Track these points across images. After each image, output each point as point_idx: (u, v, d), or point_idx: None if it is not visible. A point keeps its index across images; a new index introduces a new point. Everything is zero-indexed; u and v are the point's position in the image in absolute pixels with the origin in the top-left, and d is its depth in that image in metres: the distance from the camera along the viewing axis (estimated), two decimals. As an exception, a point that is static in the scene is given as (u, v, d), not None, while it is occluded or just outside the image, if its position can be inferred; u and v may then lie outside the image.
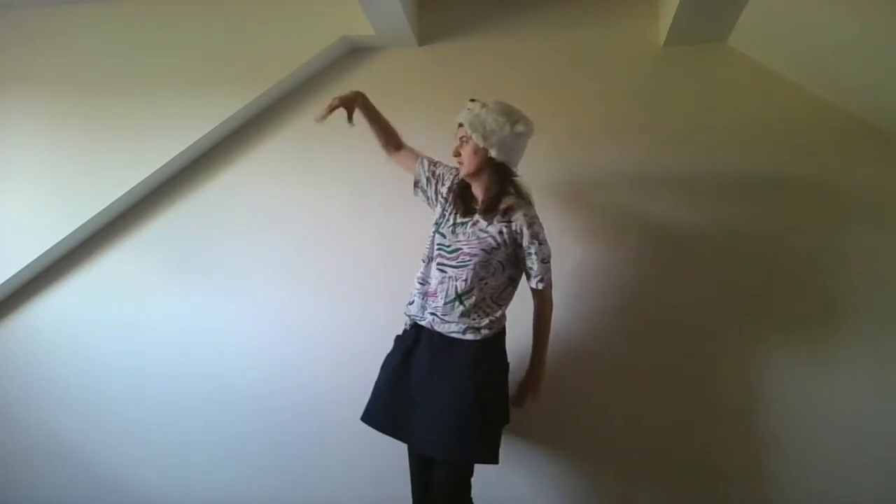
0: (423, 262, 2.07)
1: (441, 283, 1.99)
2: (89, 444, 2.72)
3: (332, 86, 2.69)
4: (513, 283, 2.06)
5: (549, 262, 2.02)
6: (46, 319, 2.78)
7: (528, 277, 2.04)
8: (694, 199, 2.44)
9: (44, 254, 2.67)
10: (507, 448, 2.05)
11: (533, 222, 1.97)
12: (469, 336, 1.97)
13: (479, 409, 1.92)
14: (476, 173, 1.99)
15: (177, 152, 2.62)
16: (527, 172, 2.51)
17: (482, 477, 2.01)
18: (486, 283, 1.98)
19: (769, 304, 2.35)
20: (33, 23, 2.80)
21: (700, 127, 2.46)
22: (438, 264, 2.02)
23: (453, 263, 1.98)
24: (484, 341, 1.98)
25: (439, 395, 1.94)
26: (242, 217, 2.69)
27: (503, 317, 2.04)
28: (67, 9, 2.78)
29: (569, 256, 2.45)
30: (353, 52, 2.70)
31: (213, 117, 2.61)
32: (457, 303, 1.96)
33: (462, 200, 2.05)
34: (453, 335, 1.98)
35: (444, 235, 2.04)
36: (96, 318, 2.75)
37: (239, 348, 2.65)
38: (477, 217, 2.00)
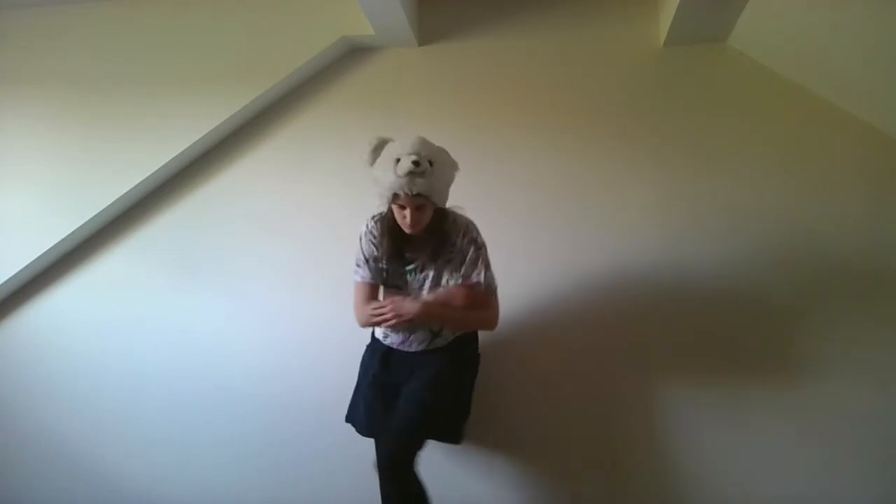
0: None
1: (411, 334, 2.00)
2: (89, 444, 2.71)
3: (332, 86, 2.69)
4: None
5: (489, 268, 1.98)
6: (47, 319, 2.78)
7: (467, 276, 1.94)
8: (693, 199, 2.44)
9: (44, 254, 2.67)
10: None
11: (469, 229, 1.96)
12: (448, 341, 2.04)
13: (446, 390, 2.01)
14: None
15: (177, 152, 2.62)
16: (527, 173, 2.53)
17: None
18: None
19: (766, 304, 2.36)
20: (33, 23, 2.80)
21: (700, 126, 2.46)
22: None
23: None
24: (458, 338, 2.06)
25: (415, 386, 2.00)
26: (242, 217, 2.69)
27: None
28: (67, 9, 2.78)
29: (562, 255, 2.46)
30: (353, 52, 2.70)
31: (213, 117, 2.61)
32: (433, 337, 2.01)
33: (399, 252, 1.97)
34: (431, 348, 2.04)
35: (399, 287, 2.01)
36: (96, 318, 2.74)
37: (239, 348, 2.64)
38: (424, 262, 1.97)
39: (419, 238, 1.95)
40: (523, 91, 2.58)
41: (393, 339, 2.05)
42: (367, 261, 1.98)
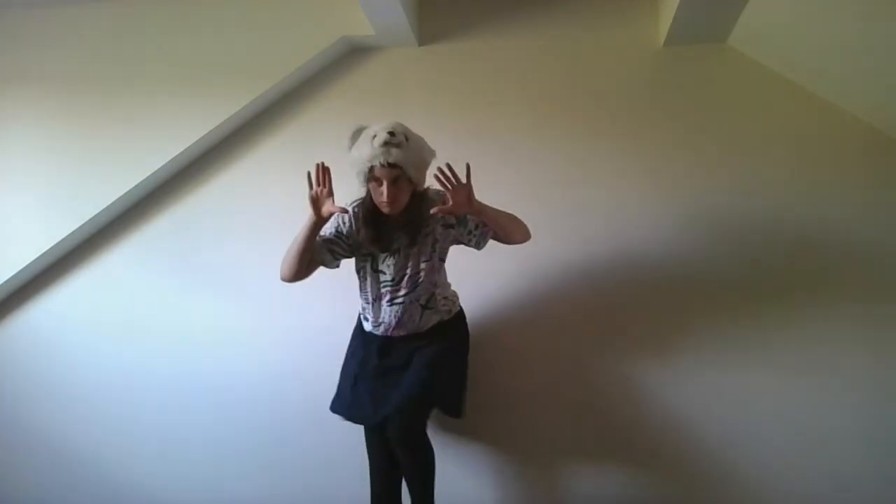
0: (367, 301, 2.08)
1: (402, 313, 2.02)
2: (89, 443, 2.71)
3: (333, 86, 2.69)
4: (443, 262, 2.09)
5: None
6: (47, 319, 2.78)
7: (476, 245, 2.06)
8: (692, 198, 2.44)
9: (44, 254, 2.67)
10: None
11: (446, 197, 1.96)
12: (442, 320, 2.10)
13: (447, 365, 2.08)
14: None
15: (177, 152, 2.62)
16: (527, 172, 2.54)
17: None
18: (437, 283, 2.06)
19: (765, 303, 2.36)
20: (33, 23, 2.80)
21: (700, 127, 2.46)
22: (390, 301, 2.03)
23: (406, 290, 2.01)
24: (451, 318, 2.13)
25: (418, 364, 2.04)
26: (242, 217, 2.69)
27: (453, 290, 2.19)
28: (67, 9, 2.78)
29: (562, 255, 2.46)
30: (353, 52, 2.70)
31: (214, 117, 2.61)
32: (423, 312, 2.05)
33: (381, 236, 1.99)
34: (425, 328, 2.09)
35: (384, 272, 2.03)
36: (97, 317, 2.74)
37: (239, 348, 2.65)
38: (403, 247, 2.00)
39: (397, 222, 1.97)
40: (523, 91, 2.58)
41: (387, 326, 2.05)
42: (336, 231, 2.02)
